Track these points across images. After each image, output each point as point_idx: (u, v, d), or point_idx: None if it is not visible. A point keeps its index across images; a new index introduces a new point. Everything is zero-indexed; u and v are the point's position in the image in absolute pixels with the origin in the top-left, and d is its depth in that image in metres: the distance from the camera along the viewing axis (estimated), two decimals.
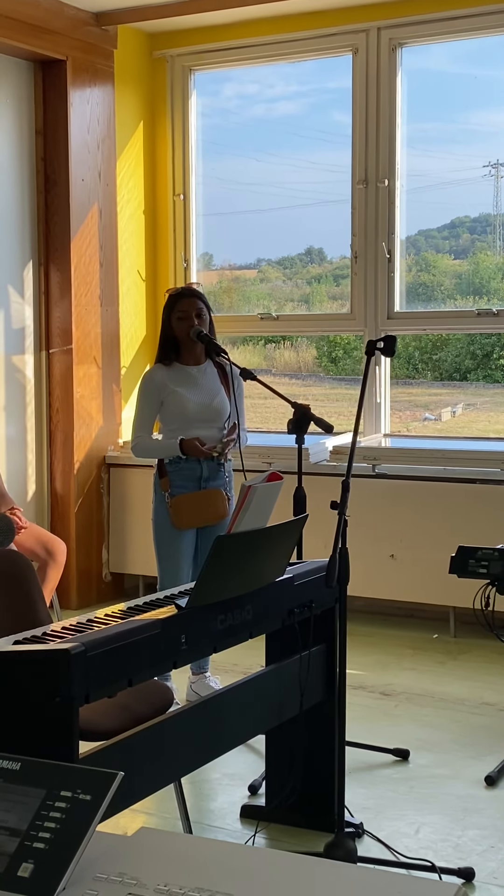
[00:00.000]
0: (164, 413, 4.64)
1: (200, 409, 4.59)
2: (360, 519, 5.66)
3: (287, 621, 3.38)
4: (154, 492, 4.68)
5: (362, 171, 6.36)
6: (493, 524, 5.60)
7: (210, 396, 4.62)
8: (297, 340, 8.00)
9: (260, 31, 6.50)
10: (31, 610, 3.25)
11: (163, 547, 4.64)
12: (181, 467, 4.58)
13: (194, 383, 4.62)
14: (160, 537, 4.65)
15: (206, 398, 4.61)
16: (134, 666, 2.76)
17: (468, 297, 6.74)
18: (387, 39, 6.23)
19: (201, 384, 4.63)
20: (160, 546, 4.65)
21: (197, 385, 4.62)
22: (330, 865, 1.52)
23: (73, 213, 6.33)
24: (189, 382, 4.61)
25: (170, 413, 4.61)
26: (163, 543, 4.64)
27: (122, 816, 3.39)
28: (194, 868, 1.48)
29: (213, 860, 1.51)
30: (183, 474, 4.58)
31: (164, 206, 6.98)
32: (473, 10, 5.97)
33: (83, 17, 6.31)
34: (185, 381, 4.61)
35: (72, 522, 6.44)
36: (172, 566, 4.61)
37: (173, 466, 4.59)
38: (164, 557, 4.64)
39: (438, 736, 4.43)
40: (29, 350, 6.39)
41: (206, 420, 4.61)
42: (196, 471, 4.59)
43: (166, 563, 4.64)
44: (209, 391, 4.63)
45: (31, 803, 1.52)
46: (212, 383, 4.65)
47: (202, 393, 4.61)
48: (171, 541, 4.61)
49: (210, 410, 4.61)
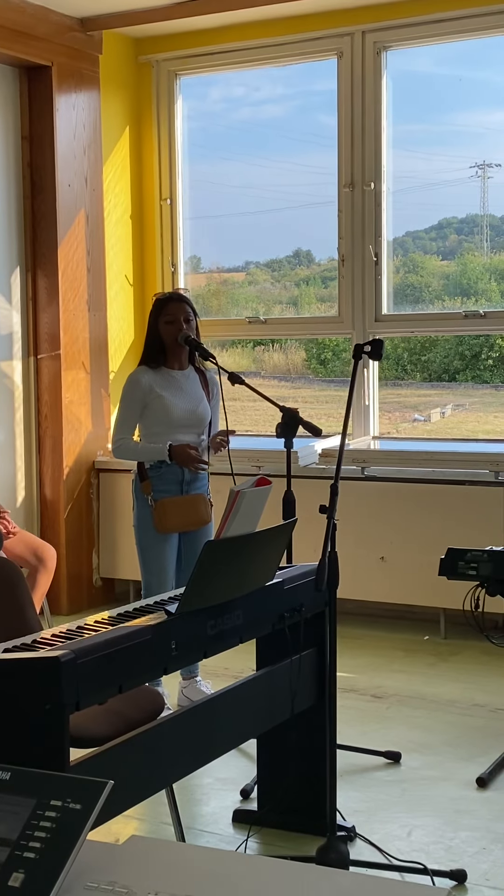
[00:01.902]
0: (146, 416, 4.61)
1: (185, 414, 4.59)
2: (349, 522, 5.67)
3: (277, 625, 3.38)
4: (134, 496, 4.65)
5: (348, 174, 6.36)
6: (482, 526, 5.61)
7: (195, 402, 4.62)
8: (285, 343, 8.00)
9: (245, 35, 6.50)
10: (21, 617, 3.24)
11: (147, 552, 4.62)
12: (163, 471, 4.57)
13: (179, 388, 4.62)
14: (144, 542, 4.63)
15: (190, 404, 4.61)
16: (124, 672, 2.76)
17: (456, 297, 6.76)
18: (371, 43, 6.24)
19: (186, 389, 4.63)
20: (144, 551, 4.63)
21: (182, 390, 4.62)
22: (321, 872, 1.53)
23: (60, 219, 6.33)
24: (174, 387, 4.61)
25: (153, 417, 4.59)
26: (147, 548, 4.62)
27: (115, 822, 3.38)
28: (185, 876, 1.48)
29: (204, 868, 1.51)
30: (165, 478, 4.57)
31: (151, 210, 6.98)
32: (457, 13, 5.98)
33: (68, 22, 6.31)
34: (171, 385, 4.61)
35: (61, 528, 6.43)
36: (157, 571, 4.60)
37: (155, 471, 4.58)
38: (149, 562, 4.62)
39: (430, 738, 4.44)
40: (17, 356, 6.39)
41: (188, 426, 4.61)
42: (178, 474, 4.58)
43: (151, 568, 4.62)
44: (193, 397, 4.63)
45: (21, 813, 1.52)
46: (195, 389, 4.66)
47: (187, 398, 4.61)
48: (156, 545, 4.59)
49: (194, 416, 4.61)
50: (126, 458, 4.67)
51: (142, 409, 4.60)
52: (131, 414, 4.61)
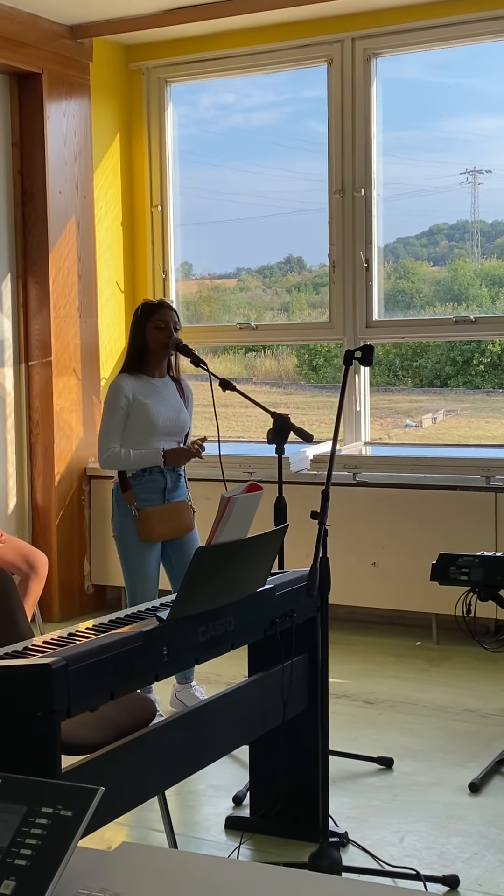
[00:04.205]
0: (129, 425, 4.57)
1: (168, 422, 4.59)
2: (341, 527, 5.67)
3: (269, 631, 3.38)
4: (115, 506, 4.63)
5: (339, 181, 6.38)
6: (473, 531, 5.61)
7: (176, 410, 4.63)
8: (277, 349, 8.01)
9: (235, 42, 6.52)
10: (13, 624, 3.24)
11: (132, 561, 4.61)
12: (145, 480, 4.56)
13: (160, 396, 4.62)
14: (127, 551, 4.62)
15: (172, 412, 4.62)
16: (116, 679, 2.76)
17: (447, 303, 6.77)
18: (361, 50, 6.26)
19: (166, 397, 4.63)
20: (128, 560, 4.62)
21: (162, 398, 4.62)
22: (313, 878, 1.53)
23: (51, 226, 6.33)
24: (155, 394, 4.61)
25: (136, 424, 4.57)
26: (131, 557, 4.61)
27: (107, 829, 3.38)
28: (177, 883, 1.48)
29: (196, 875, 1.51)
30: (147, 487, 4.57)
31: (142, 217, 6.99)
32: (446, 20, 6.01)
33: (58, 29, 6.32)
34: (151, 392, 4.60)
35: (53, 535, 6.43)
36: (142, 579, 4.59)
37: (137, 480, 4.57)
38: (134, 571, 4.61)
39: (422, 743, 4.44)
40: (8, 363, 6.38)
41: (170, 434, 4.62)
42: (160, 483, 4.58)
43: (136, 577, 4.61)
44: (174, 405, 4.64)
45: (11, 820, 1.51)
46: (174, 397, 4.66)
47: (168, 406, 4.62)
48: (140, 554, 4.58)
49: (176, 424, 4.63)
50: (116, 468, 4.59)
51: (125, 417, 4.60)
52: (116, 422, 4.57)
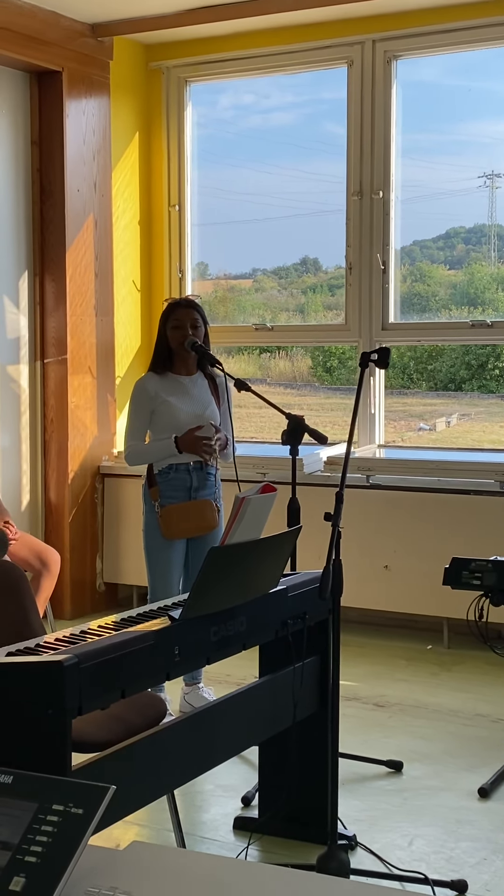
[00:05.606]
0: (154, 422, 4.64)
1: (192, 418, 4.60)
2: (354, 530, 5.66)
3: (280, 633, 3.38)
4: (144, 502, 4.69)
5: (357, 183, 6.37)
6: (487, 535, 5.60)
7: (202, 407, 4.64)
8: (291, 350, 8.01)
9: (256, 42, 6.52)
10: (25, 621, 3.25)
11: (153, 557, 4.65)
12: (171, 477, 4.59)
13: (186, 393, 4.64)
14: (150, 547, 4.66)
15: (197, 408, 4.62)
16: (127, 678, 2.76)
17: (463, 307, 6.76)
18: (381, 52, 6.25)
19: (193, 394, 4.64)
20: (150, 556, 4.66)
21: (188, 395, 4.64)
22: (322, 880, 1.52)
23: (69, 224, 6.34)
24: (180, 392, 4.63)
25: (161, 422, 4.62)
26: (153, 553, 4.65)
27: (115, 828, 3.38)
28: (185, 882, 1.48)
29: (205, 874, 1.51)
30: (172, 484, 4.59)
31: (160, 216, 6.99)
32: (467, 24, 6.00)
33: (79, 28, 6.33)
34: (177, 390, 4.63)
35: (66, 532, 6.44)
36: (163, 576, 4.62)
37: (163, 476, 4.60)
38: (155, 567, 4.65)
39: (432, 747, 4.43)
40: (24, 360, 6.40)
41: None
42: (185, 481, 4.60)
43: (157, 573, 4.64)
44: (200, 402, 4.65)
45: (22, 817, 1.52)
46: (203, 394, 4.67)
47: (193, 403, 4.63)
48: (162, 551, 4.62)
49: (201, 420, 4.62)
50: (138, 462, 4.67)
51: (150, 416, 4.62)
52: (140, 421, 4.64)
